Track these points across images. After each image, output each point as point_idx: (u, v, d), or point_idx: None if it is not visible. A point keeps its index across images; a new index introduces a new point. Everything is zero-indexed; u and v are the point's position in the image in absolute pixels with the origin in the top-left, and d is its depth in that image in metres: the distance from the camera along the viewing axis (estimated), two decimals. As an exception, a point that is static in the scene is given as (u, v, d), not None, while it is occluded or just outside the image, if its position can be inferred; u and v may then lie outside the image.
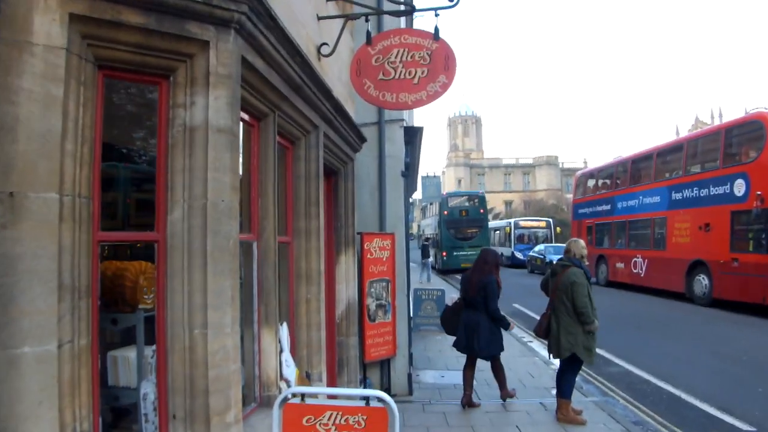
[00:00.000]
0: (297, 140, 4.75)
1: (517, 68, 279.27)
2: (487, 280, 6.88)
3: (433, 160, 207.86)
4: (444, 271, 30.22)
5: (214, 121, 2.89)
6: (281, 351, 4.20)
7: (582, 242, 7.00)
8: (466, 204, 32.34)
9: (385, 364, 7.48)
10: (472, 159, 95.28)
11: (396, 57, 4.83)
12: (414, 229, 47.06)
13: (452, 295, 7.60)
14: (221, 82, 2.93)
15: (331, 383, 6.35)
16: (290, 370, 4.19)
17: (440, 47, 4.76)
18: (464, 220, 31.09)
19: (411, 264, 10.02)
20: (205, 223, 2.84)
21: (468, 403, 7.03)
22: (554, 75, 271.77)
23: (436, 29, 4.77)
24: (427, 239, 30.64)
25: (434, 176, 32.67)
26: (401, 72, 4.81)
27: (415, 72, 4.78)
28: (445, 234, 30.94)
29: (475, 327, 6.89)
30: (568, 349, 6.41)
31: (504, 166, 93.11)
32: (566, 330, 6.40)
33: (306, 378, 4.56)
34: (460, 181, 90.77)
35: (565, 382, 6.68)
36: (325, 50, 5.01)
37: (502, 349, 7.12)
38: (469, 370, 7.22)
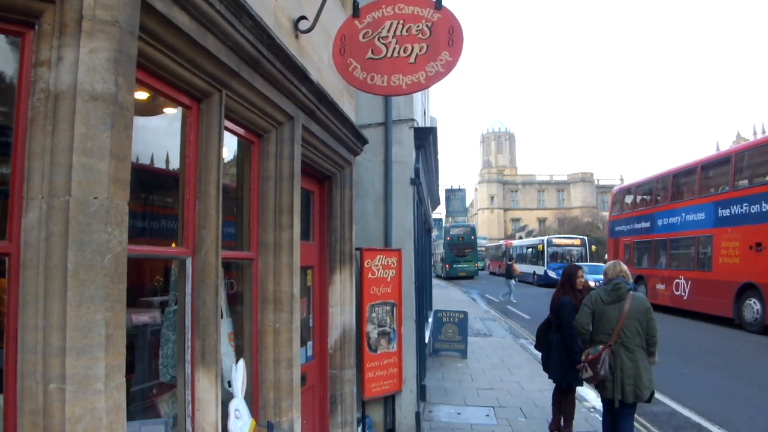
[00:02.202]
0: (265, 133, 3.86)
1: (551, 84, 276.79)
2: (561, 301, 6.46)
3: (465, 176, 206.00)
4: (447, 278, 40.83)
5: (86, 84, 2.01)
6: (232, 397, 3.29)
7: None
8: (462, 232, 43.23)
9: (389, 400, 6.50)
10: (505, 176, 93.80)
11: (389, 31, 3.92)
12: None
13: None
14: (100, 30, 2.05)
15: (322, 425, 5.41)
16: (241, 423, 3.26)
17: (443, 17, 3.84)
18: (460, 244, 42.09)
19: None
20: (67, 230, 1.95)
21: (556, 429, 6.79)
22: (590, 90, 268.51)
23: (439, -5, 3.85)
24: (510, 258, 36.09)
25: (459, 189, 32.40)
26: (395, 49, 3.89)
27: (412, 49, 3.85)
28: (447, 253, 41.96)
29: (549, 348, 6.70)
30: (650, 387, 5.45)
31: (538, 183, 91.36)
32: (644, 365, 5.45)
33: (268, 431, 3.61)
34: (492, 198, 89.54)
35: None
36: (303, 25, 4.12)
37: (575, 380, 6.39)
38: (557, 394, 6.83)
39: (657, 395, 8.52)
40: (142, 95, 2.71)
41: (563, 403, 6.71)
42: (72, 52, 2.03)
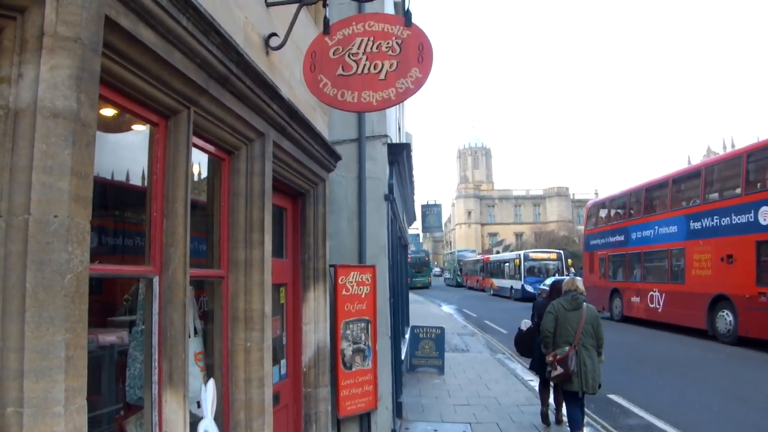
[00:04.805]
0: (236, 150, 3.84)
1: (527, 99, 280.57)
2: None
3: (443, 191, 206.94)
4: (409, 288, 44.95)
5: (47, 101, 1.98)
6: (201, 418, 3.24)
7: None
8: (420, 256, 56.59)
9: (365, 418, 6.44)
10: (482, 191, 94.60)
11: (359, 48, 3.94)
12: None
13: (526, 320, 8.41)
14: (62, 46, 2.03)
15: (296, 444, 5.34)
16: (210, 444, 3.20)
17: (413, 35, 3.87)
18: (418, 263, 54.57)
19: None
20: (26, 250, 1.91)
21: (546, 420, 7.76)
22: (565, 106, 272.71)
23: (408, 13, 3.89)
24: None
25: (435, 204, 32.64)
26: (365, 66, 3.91)
27: (382, 65, 3.88)
28: (409, 269, 52.33)
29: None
30: (599, 382, 6.56)
31: (514, 198, 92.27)
32: (597, 363, 6.57)
33: (238, 451, 3.56)
34: (470, 213, 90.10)
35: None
36: (274, 42, 4.12)
37: None
38: (545, 388, 7.84)
39: (633, 408, 8.69)
40: (108, 112, 2.68)
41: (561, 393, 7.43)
42: (33, 68, 2.00)
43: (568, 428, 6.78)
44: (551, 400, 7.96)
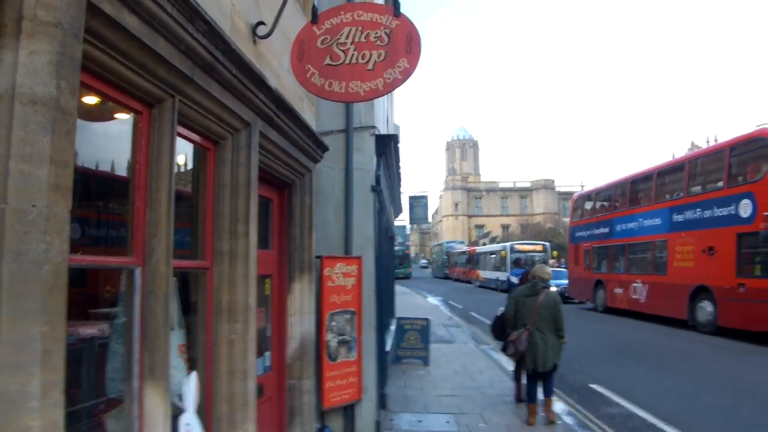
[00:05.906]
0: (221, 140, 3.77)
1: (514, 92, 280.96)
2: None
3: (431, 184, 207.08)
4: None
5: (25, 88, 1.92)
6: (184, 411, 3.20)
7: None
8: (401, 249, 55.74)
9: (349, 410, 6.41)
10: (469, 183, 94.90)
11: (347, 38, 3.89)
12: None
13: (501, 308, 9.00)
14: (41, 31, 1.96)
15: (280, 436, 5.31)
16: (193, 438, 3.16)
17: (401, 25, 3.83)
18: (400, 256, 53.34)
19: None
20: (3, 239, 1.86)
21: (519, 399, 8.34)
22: (551, 99, 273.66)
23: (397, 3, 3.84)
24: None
25: (422, 196, 32.70)
26: (353, 56, 3.86)
27: (370, 55, 3.83)
28: None
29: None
30: (553, 361, 7.15)
31: (501, 190, 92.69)
32: (552, 344, 7.12)
33: (221, 444, 3.53)
34: (457, 205, 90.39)
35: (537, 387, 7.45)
36: (261, 30, 4.06)
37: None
38: (520, 371, 8.40)
39: (614, 397, 8.81)
40: (90, 100, 2.62)
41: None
42: (11, 53, 1.93)
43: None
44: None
